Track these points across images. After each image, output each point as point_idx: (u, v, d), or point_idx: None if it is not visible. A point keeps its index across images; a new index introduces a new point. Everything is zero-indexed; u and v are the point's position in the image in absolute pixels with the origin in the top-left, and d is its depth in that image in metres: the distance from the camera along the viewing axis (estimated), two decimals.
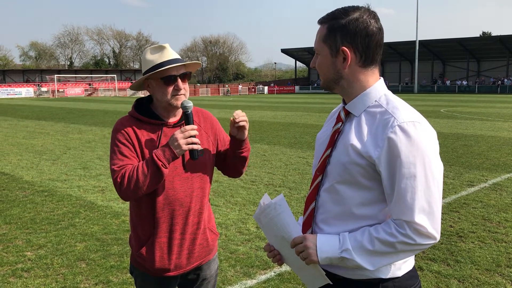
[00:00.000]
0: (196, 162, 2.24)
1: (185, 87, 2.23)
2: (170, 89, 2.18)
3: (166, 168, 2.07)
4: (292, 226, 1.72)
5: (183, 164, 2.21)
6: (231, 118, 2.20)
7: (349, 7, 1.66)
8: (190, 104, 2.16)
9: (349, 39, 1.62)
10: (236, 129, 2.24)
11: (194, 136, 2.10)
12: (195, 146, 2.09)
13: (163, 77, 2.18)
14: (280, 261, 1.82)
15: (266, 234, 1.82)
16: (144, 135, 2.20)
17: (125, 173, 2.08)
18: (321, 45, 1.68)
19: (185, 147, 2.06)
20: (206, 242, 2.34)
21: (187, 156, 2.21)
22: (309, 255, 1.64)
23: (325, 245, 1.63)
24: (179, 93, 2.19)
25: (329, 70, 1.68)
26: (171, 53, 2.22)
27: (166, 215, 2.21)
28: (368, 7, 1.67)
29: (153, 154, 2.06)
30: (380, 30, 1.65)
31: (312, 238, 1.66)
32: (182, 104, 2.16)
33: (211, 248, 2.38)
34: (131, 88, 2.33)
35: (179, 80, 2.19)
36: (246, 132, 2.27)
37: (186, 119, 2.15)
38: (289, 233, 1.72)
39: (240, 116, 2.19)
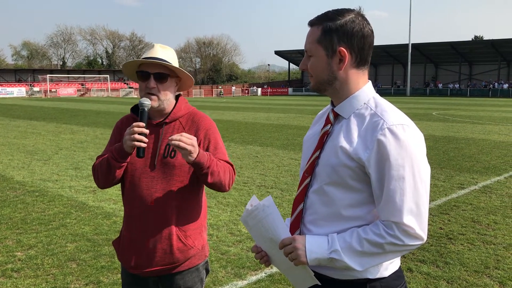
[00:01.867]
0: (166, 163, 2.21)
1: (159, 87, 2.20)
2: (143, 85, 2.22)
3: (116, 161, 2.14)
4: (280, 227, 1.73)
5: (151, 163, 2.22)
6: None
7: (342, 9, 1.68)
8: (147, 102, 2.14)
9: (346, 40, 1.63)
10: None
11: (143, 134, 2.06)
12: (136, 143, 2.06)
13: (138, 71, 2.25)
14: (267, 262, 1.83)
15: (253, 236, 1.83)
16: None
17: (97, 162, 2.27)
18: (315, 46, 1.68)
19: (128, 142, 2.07)
20: (170, 249, 2.23)
21: (160, 156, 2.22)
22: (298, 256, 1.65)
23: (314, 246, 1.64)
24: (150, 92, 2.19)
25: (324, 71, 1.69)
26: (158, 52, 2.22)
27: (130, 210, 2.27)
28: (359, 10, 1.69)
29: (112, 147, 2.19)
30: (372, 32, 1.68)
31: (301, 239, 1.66)
32: (139, 101, 2.16)
33: (177, 258, 2.25)
34: (122, 68, 2.37)
35: (152, 78, 2.18)
36: (191, 157, 2.03)
37: (140, 116, 2.14)
38: (278, 234, 1.73)
39: (174, 136, 1.99)
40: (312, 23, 1.70)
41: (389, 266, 1.71)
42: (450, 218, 6.11)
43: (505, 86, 62.02)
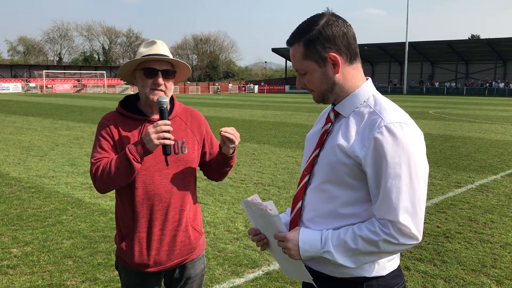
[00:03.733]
0: (179, 158, 2.25)
1: (166, 85, 2.23)
2: (149, 82, 2.20)
3: (138, 162, 2.09)
4: (281, 227, 1.73)
5: (165, 160, 2.22)
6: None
7: (313, 16, 1.66)
8: (165, 100, 2.16)
9: (331, 44, 1.62)
10: (222, 141, 2.24)
11: (168, 132, 2.09)
12: (166, 141, 2.08)
13: (144, 68, 2.21)
14: (265, 245, 1.82)
15: (252, 220, 1.82)
16: (125, 130, 2.23)
17: (99, 166, 2.14)
18: (304, 63, 1.66)
19: (156, 141, 2.06)
20: (188, 239, 2.32)
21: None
22: (291, 256, 1.66)
23: (307, 245, 1.64)
24: (158, 88, 2.20)
25: (323, 82, 1.68)
26: (160, 49, 2.23)
27: (145, 210, 2.22)
28: (328, 10, 1.69)
29: (127, 148, 2.10)
30: (350, 26, 1.67)
31: (294, 238, 1.66)
32: (157, 99, 2.16)
33: (193, 247, 2.35)
34: (118, 73, 2.36)
35: (160, 75, 2.20)
36: (232, 150, 2.27)
37: (161, 114, 2.15)
38: (276, 229, 1.73)
39: (228, 129, 2.19)
40: (290, 43, 1.69)
41: (387, 265, 1.70)
42: (447, 217, 6.11)
43: (502, 85, 62.19)
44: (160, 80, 2.19)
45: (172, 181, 2.24)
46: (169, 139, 2.09)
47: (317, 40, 1.61)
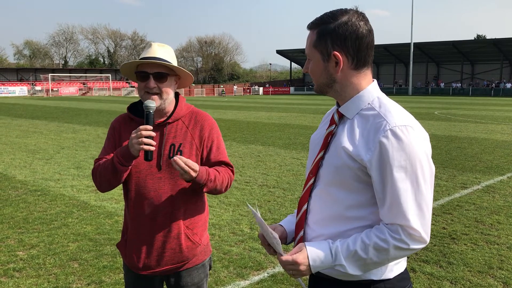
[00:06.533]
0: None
1: (160, 87, 2.19)
2: (142, 85, 2.20)
3: (122, 165, 2.10)
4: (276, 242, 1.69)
5: (157, 164, 2.21)
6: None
7: (337, 10, 1.65)
8: (152, 105, 2.12)
9: (340, 43, 1.61)
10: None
11: (150, 137, 2.05)
12: (145, 147, 2.04)
13: (136, 71, 2.23)
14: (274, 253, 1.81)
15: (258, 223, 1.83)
16: (129, 132, 2.25)
17: (97, 167, 2.22)
18: (312, 50, 1.68)
19: (136, 146, 2.04)
20: (179, 248, 2.26)
21: (165, 157, 2.22)
22: (303, 275, 1.64)
23: (318, 262, 1.62)
24: (150, 91, 2.18)
25: (322, 75, 1.68)
26: (155, 51, 2.21)
27: (136, 212, 2.24)
28: (356, 9, 1.66)
29: (116, 151, 2.15)
30: (370, 31, 1.64)
31: (304, 261, 1.61)
32: (144, 104, 2.13)
33: (186, 256, 2.29)
34: (121, 69, 2.34)
35: (151, 78, 2.18)
36: (187, 178, 2.07)
37: (146, 119, 2.12)
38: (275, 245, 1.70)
39: (179, 160, 2.02)
40: (309, 27, 1.70)
41: (394, 268, 1.69)
42: (453, 218, 6.08)
43: (508, 85, 61.86)
44: (152, 83, 2.17)
45: (163, 186, 2.21)
46: (149, 144, 2.04)
47: (329, 34, 1.62)
